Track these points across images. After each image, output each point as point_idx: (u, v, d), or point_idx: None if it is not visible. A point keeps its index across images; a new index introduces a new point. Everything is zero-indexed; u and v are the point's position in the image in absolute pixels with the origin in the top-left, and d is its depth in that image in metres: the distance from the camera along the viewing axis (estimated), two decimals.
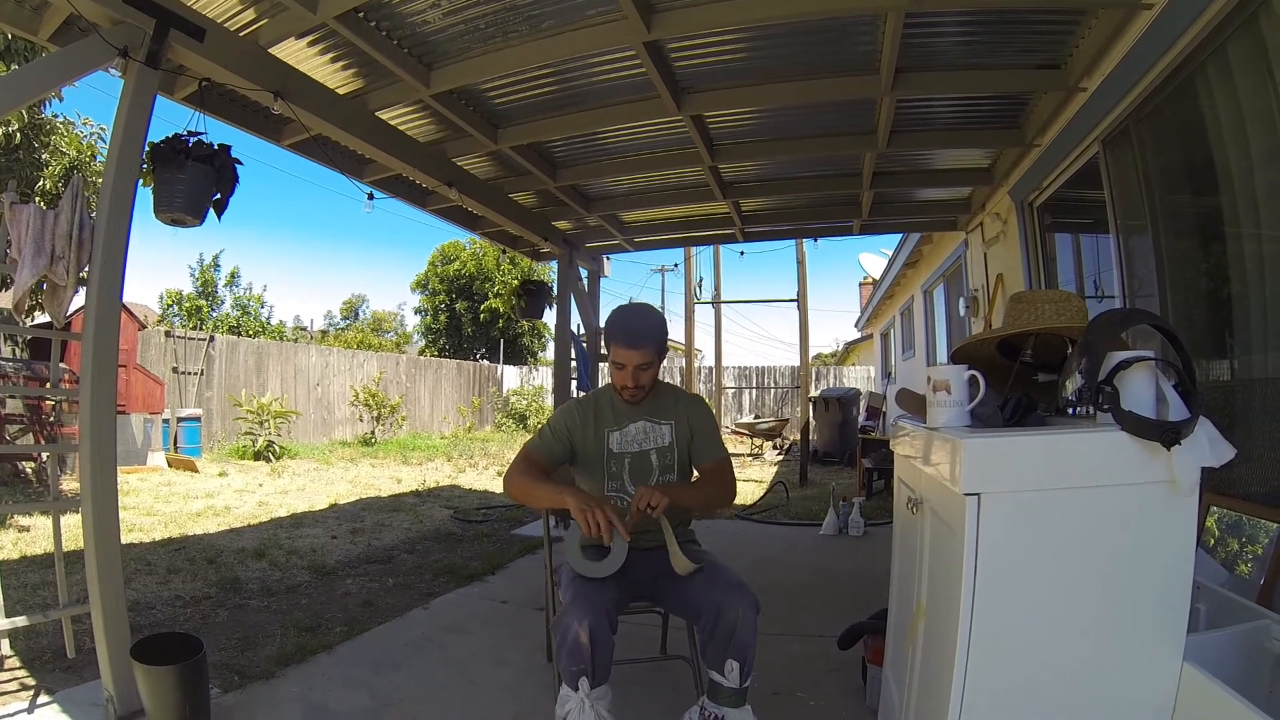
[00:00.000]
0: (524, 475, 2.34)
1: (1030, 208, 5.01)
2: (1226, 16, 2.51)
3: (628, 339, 2.37)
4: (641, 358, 2.35)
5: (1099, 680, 1.49)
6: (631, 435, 2.47)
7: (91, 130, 7.82)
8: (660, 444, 2.49)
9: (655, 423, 2.50)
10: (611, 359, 2.41)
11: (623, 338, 2.38)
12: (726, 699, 2.07)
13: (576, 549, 2.15)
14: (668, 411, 2.51)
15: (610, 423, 2.47)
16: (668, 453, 2.48)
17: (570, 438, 2.46)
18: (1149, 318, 1.67)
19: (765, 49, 3.66)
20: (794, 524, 6.49)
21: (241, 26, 3.30)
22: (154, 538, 5.48)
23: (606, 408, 2.50)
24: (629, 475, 2.46)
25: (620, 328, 2.40)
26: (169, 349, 11.94)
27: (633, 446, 2.47)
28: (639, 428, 2.48)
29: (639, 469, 2.46)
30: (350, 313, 37.50)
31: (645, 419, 2.49)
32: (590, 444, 2.46)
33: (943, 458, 1.63)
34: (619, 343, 2.38)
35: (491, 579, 4.54)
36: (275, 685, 2.84)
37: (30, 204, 2.60)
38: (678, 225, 7.07)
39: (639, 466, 2.46)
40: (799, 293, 13.19)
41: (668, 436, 2.50)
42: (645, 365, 2.37)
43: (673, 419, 2.51)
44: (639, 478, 2.45)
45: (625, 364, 2.37)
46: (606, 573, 2.08)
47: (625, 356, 2.37)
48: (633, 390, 2.41)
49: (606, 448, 2.46)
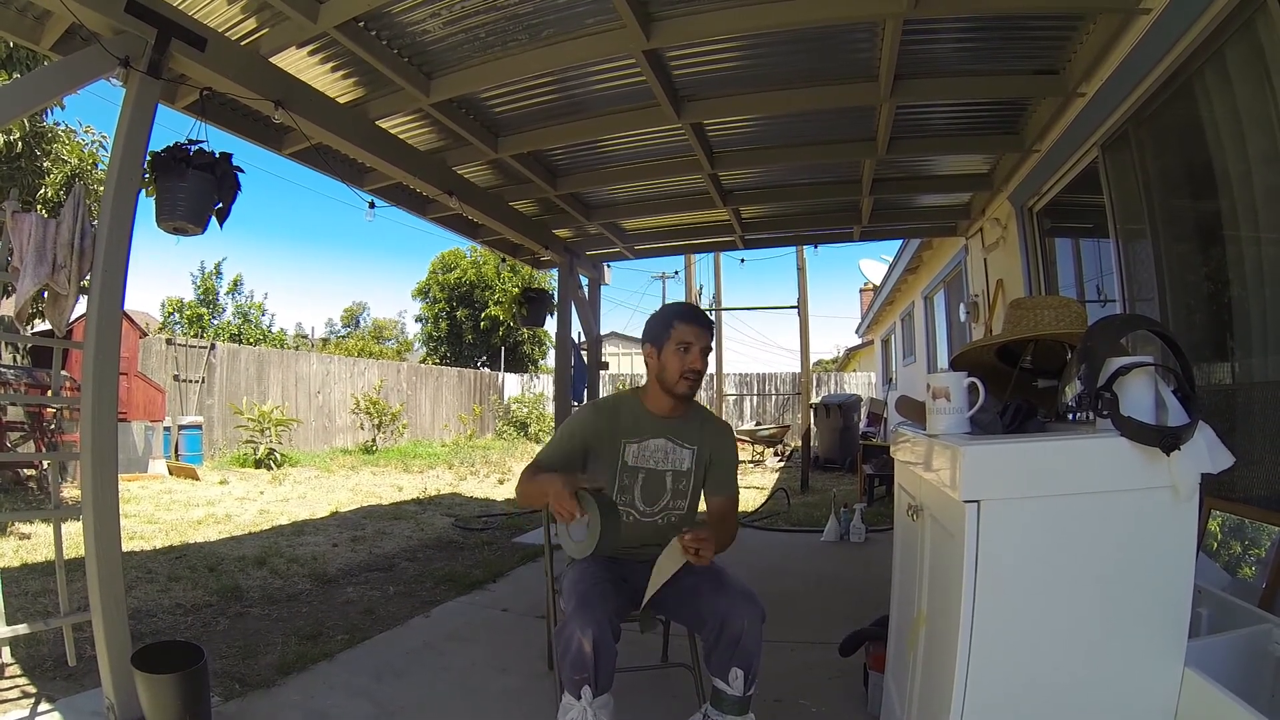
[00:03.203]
0: (526, 482, 2.32)
1: (1030, 213, 5.01)
2: (1224, 21, 2.52)
3: (697, 318, 2.32)
4: (709, 339, 2.31)
5: (1100, 686, 1.48)
6: (650, 451, 2.38)
7: (93, 139, 7.86)
8: (678, 468, 2.39)
9: (677, 444, 2.39)
10: (675, 340, 2.30)
11: (691, 315, 2.33)
12: (730, 707, 2.06)
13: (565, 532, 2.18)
14: (692, 435, 2.41)
15: (630, 433, 2.38)
16: (684, 478, 2.40)
17: (585, 443, 2.38)
18: (1148, 323, 1.67)
19: (764, 57, 3.67)
20: (795, 530, 6.49)
21: (242, 36, 3.31)
22: (155, 545, 5.47)
23: (628, 416, 2.39)
24: (640, 491, 2.38)
25: (687, 309, 2.37)
26: (170, 357, 11.95)
27: (649, 463, 2.38)
28: (659, 445, 2.38)
29: (651, 487, 2.38)
30: (351, 320, 37.61)
31: (668, 438, 2.39)
32: (605, 450, 2.37)
33: (943, 464, 1.63)
34: (687, 320, 2.31)
35: (492, 587, 4.53)
36: (276, 693, 2.84)
37: (32, 212, 2.61)
38: (678, 233, 7.08)
39: (651, 484, 2.38)
40: (799, 299, 13.18)
41: (687, 462, 2.40)
42: (706, 350, 2.32)
43: (696, 444, 2.41)
44: (650, 496, 2.38)
45: (693, 343, 2.30)
46: (586, 552, 2.09)
47: (694, 335, 2.30)
48: (692, 379, 2.32)
49: (622, 459, 2.36)
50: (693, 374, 2.31)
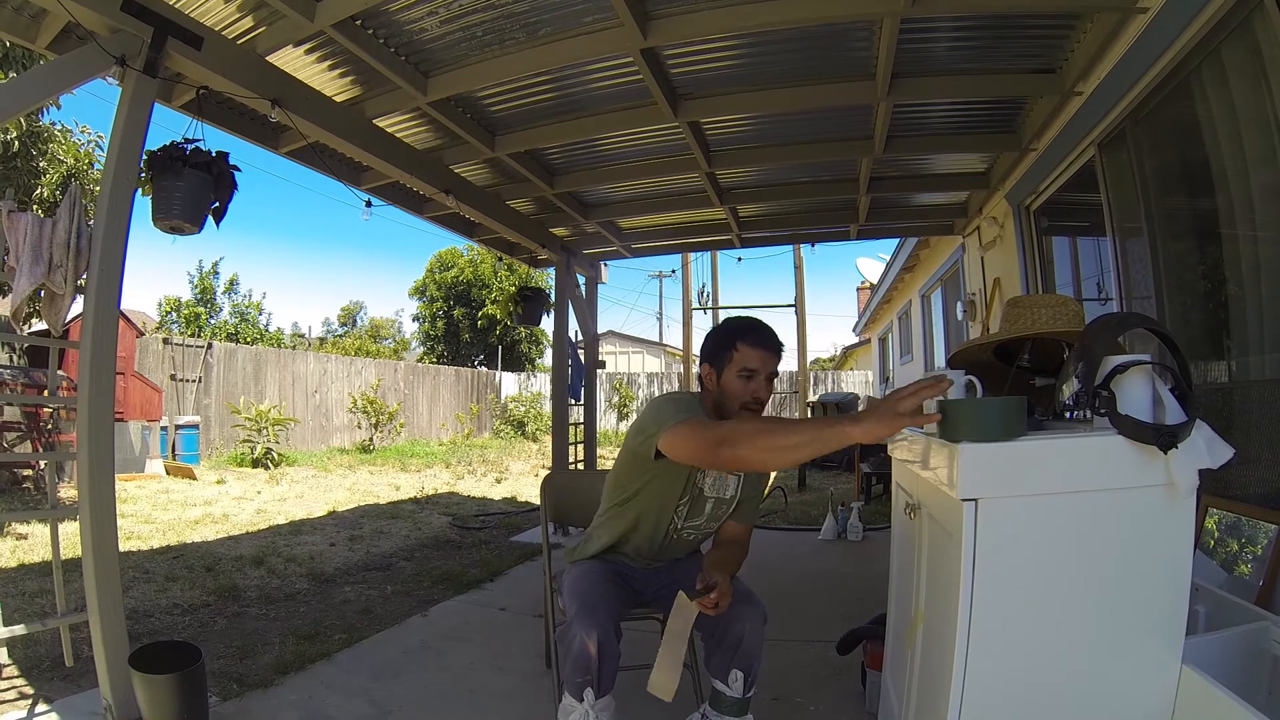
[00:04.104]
0: (770, 424, 1.79)
1: (1027, 211, 5.02)
2: (1221, 20, 2.53)
3: (764, 340, 2.03)
4: (777, 363, 2.05)
5: (1098, 684, 1.49)
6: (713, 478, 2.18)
7: (89, 138, 7.82)
8: (721, 495, 2.22)
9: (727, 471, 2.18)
10: (737, 365, 2.03)
11: (758, 337, 2.03)
12: (729, 708, 2.05)
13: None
14: None
15: None
16: (724, 505, 2.24)
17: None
18: (1145, 321, 1.67)
19: (762, 55, 3.67)
20: (792, 529, 6.50)
21: (239, 34, 3.30)
22: (152, 545, 5.47)
23: None
24: (686, 510, 2.22)
25: (754, 326, 2.06)
26: (167, 356, 11.93)
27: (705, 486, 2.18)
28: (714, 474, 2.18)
29: (695, 508, 2.22)
30: (348, 319, 37.53)
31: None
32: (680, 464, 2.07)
33: (940, 463, 1.63)
34: (754, 343, 2.03)
35: (490, 586, 4.53)
36: (274, 693, 2.84)
37: (28, 212, 2.60)
38: (675, 231, 7.08)
39: (696, 506, 2.22)
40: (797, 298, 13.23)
41: (732, 489, 2.23)
42: (773, 377, 2.08)
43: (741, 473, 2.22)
44: (692, 515, 2.23)
45: (759, 370, 2.03)
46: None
47: (760, 361, 2.02)
48: (756, 410, 2.05)
49: (693, 481, 2.15)
50: (756, 404, 2.06)
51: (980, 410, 1.55)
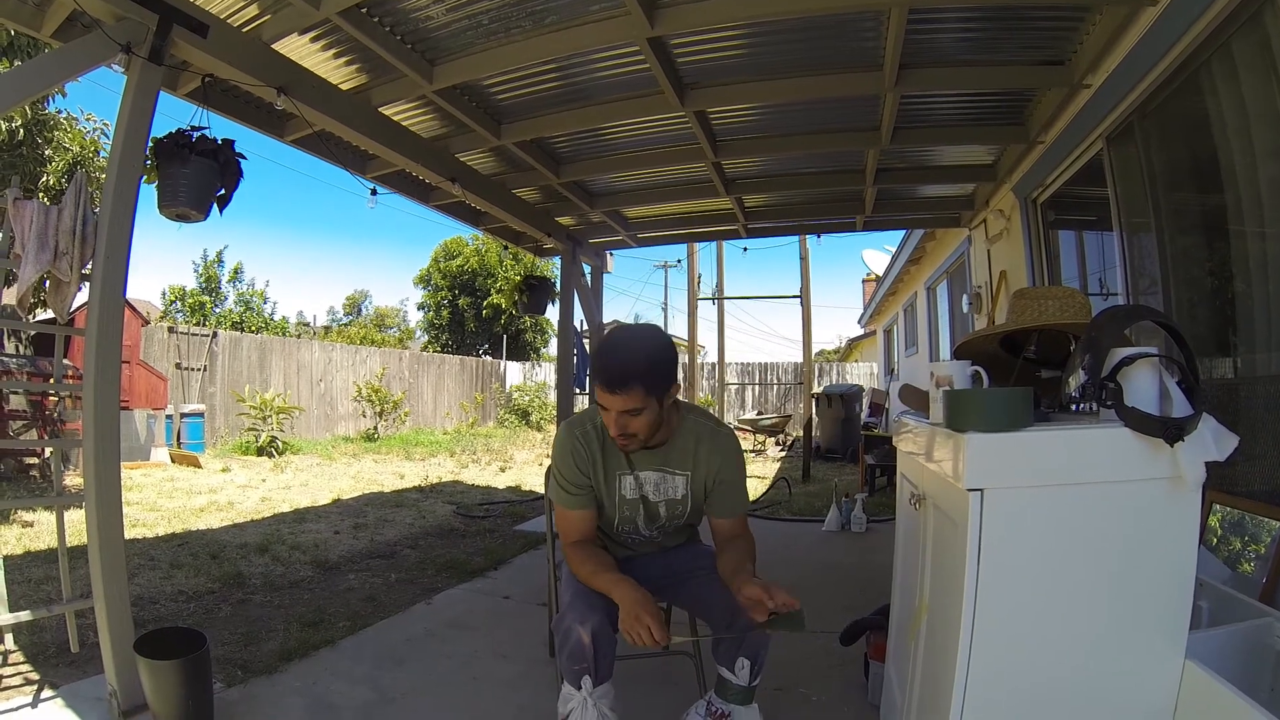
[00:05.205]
0: (581, 563, 2.03)
1: (1034, 204, 4.99)
2: (1231, 13, 2.50)
3: (606, 377, 1.88)
4: (625, 403, 1.89)
5: (1101, 676, 1.49)
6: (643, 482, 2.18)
7: (95, 126, 7.81)
8: (671, 496, 2.19)
9: (669, 473, 2.17)
10: (597, 398, 1.96)
11: (600, 375, 1.90)
12: (735, 696, 2.06)
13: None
14: (685, 459, 2.15)
15: (622, 466, 2.15)
16: (679, 505, 2.21)
17: (588, 478, 2.13)
18: (1152, 314, 1.67)
19: (769, 45, 3.65)
20: (797, 520, 6.50)
21: (245, 22, 3.29)
22: (157, 533, 5.50)
23: (613, 445, 2.08)
24: (643, 519, 2.23)
25: (600, 364, 1.93)
26: (172, 345, 11.96)
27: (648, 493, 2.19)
28: (649, 477, 2.17)
29: (649, 512, 2.22)
30: (353, 308, 37.61)
31: (658, 469, 2.16)
32: (601, 486, 2.15)
33: (945, 454, 1.63)
34: (596, 380, 1.91)
35: (494, 574, 4.55)
36: (278, 680, 2.86)
37: (33, 200, 2.60)
38: (681, 221, 7.06)
39: (649, 511, 2.22)
40: (802, 288, 13.17)
41: (681, 489, 2.19)
42: (633, 411, 1.91)
43: (689, 469, 2.16)
44: (649, 520, 2.24)
45: (608, 409, 1.93)
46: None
47: (605, 401, 1.90)
48: (623, 441, 1.98)
49: (620, 494, 2.17)
50: (619, 440, 1.99)
51: (986, 400, 1.56)
